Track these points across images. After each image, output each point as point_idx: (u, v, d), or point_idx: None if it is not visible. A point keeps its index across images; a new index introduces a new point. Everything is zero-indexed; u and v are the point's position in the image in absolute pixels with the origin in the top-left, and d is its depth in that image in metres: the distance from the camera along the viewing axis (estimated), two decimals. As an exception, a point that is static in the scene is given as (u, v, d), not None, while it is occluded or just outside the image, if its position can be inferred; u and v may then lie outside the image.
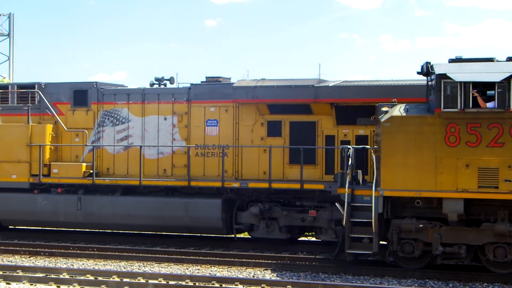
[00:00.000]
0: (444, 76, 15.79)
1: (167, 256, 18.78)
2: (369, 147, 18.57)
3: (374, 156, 17.25)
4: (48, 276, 16.05)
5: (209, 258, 18.52)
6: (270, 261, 18.01)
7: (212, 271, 17.27)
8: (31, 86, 22.73)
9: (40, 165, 21.51)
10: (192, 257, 18.68)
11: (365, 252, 16.80)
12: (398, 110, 16.39)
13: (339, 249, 17.32)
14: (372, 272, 16.71)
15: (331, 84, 19.88)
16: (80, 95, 22.13)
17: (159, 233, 22.17)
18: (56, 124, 22.25)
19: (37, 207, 21.53)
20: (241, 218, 20.20)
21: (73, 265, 18.09)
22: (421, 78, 17.65)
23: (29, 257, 19.19)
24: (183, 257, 18.60)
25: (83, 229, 22.63)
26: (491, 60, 16.13)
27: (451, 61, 16.30)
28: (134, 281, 15.62)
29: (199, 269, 17.45)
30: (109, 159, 21.89)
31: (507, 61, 16.16)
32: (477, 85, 15.76)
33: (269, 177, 19.63)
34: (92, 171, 21.23)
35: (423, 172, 15.97)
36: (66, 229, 22.75)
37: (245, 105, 20.54)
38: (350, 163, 17.05)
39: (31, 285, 15.63)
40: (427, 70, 16.59)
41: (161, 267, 17.72)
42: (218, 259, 18.44)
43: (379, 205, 16.30)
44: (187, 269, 17.49)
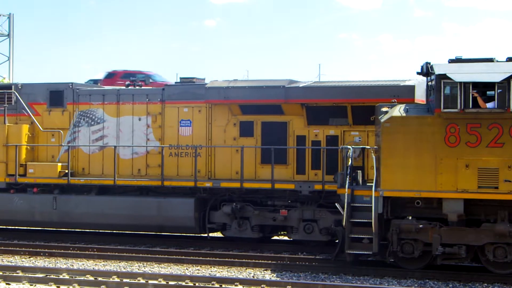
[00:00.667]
0: (444, 76, 15.79)
1: (167, 256, 18.79)
2: (369, 147, 18.59)
3: (374, 156, 17.26)
4: (48, 277, 16.05)
5: (209, 259, 18.52)
6: (270, 261, 18.02)
7: (212, 271, 17.27)
8: (7, 86, 22.98)
9: (16, 165, 21.76)
10: (192, 257, 18.69)
11: (365, 253, 16.81)
12: (398, 111, 16.39)
13: (339, 249, 17.32)
14: (372, 273, 16.71)
15: (301, 85, 20.11)
16: (56, 95, 22.35)
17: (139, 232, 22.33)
18: (32, 124, 22.44)
19: (13, 207, 21.78)
20: (213, 218, 20.47)
21: (73, 265, 18.09)
22: (390, 78, 17.98)
23: (29, 257, 19.19)
24: (183, 257, 18.60)
25: (59, 229, 22.83)
26: (491, 60, 16.12)
27: (451, 61, 16.29)
28: (134, 281, 15.62)
29: (199, 269, 17.45)
30: (85, 159, 22.11)
31: (507, 61, 16.16)
32: (477, 85, 15.76)
33: (241, 177, 19.90)
34: (67, 171, 21.47)
35: (423, 172, 15.97)
36: (61, 229, 22.74)
37: (217, 105, 20.78)
38: (350, 163, 17.06)
39: (31, 285, 15.63)
40: (427, 70, 16.60)
41: (161, 267, 17.72)
42: (218, 259, 18.44)
43: (379, 205, 16.30)
44: (187, 269, 17.49)
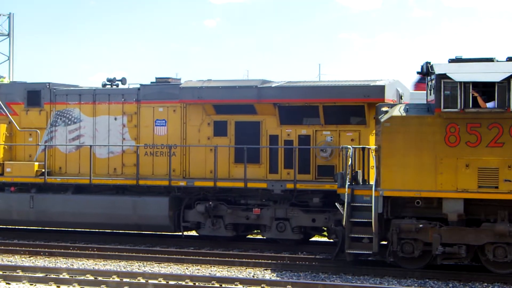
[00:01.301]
0: (444, 76, 15.79)
1: (167, 256, 18.79)
2: (369, 147, 18.61)
3: (374, 156, 17.26)
4: (48, 276, 16.05)
5: (209, 258, 18.53)
6: (270, 261, 18.02)
7: (212, 271, 17.27)
8: None
9: None
10: (192, 257, 18.69)
11: (365, 252, 16.81)
12: (398, 110, 16.40)
13: (339, 249, 17.32)
14: (372, 272, 16.70)
15: (274, 85, 20.28)
16: (34, 95, 22.52)
17: (108, 230, 22.62)
18: (10, 124, 22.60)
19: None
20: (188, 216, 20.63)
21: (73, 265, 18.09)
22: (360, 79, 18.33)
23: (29, 257, 19.20)
24: (183, 257, 18.60)
25: (36, 227, 22.96)
26: (491, 60, 16.12)
27: (451, 61, 16.29)
28: (134, 281, 15.62)
29: (199, 269, 17.45)
30: (62, 158, 22.26)
31: (507, 61, 16.15)
32: (477, 85, 15.77)
33: (214, 176, 20.11)
34: (44, 170, 21.65)
35: (423, 172, 15.97)
36: (62, 228, 22.81)
37: (192, 105, 20.91)
38: (350, 163, 17.08)
39: (31, 285, 15.63)
40: (427, 70, 16.59)
41: (161, 267, 17.72)
42: (218, 259, 18.44)
43: (379, 205, 16.30)
44: (187, 269, 17.49)
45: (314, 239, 21.31)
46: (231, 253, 19.20)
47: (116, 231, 22.55)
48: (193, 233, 21.96)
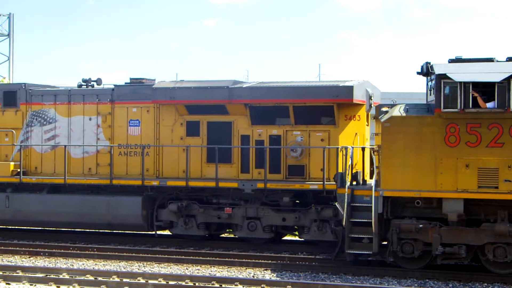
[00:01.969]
0: (444, 76, 15.79)
1: (167, 256, 18.81)
2: (369, 147, 18.63)
3: (374, 156, 17.27)
4: (48, 276, 16.06)
5: (209, 258, 18.54)
6: (270, 261, 18.03)
7: (212, 271, 17.28)
8: None
9: None
10: (192, 257, 18.70)
11: (365, 252, 16.83)
12: (398, 110, 16.39)
13: (339, 249, 17.34)
14: (372, 272, 16.71)
15: (245, 85, 20.51)
16: (10, 96, 22.74)
17: (81, 230, 22.86)
18: None
19: None
20: (161, 216, 20.88)
21: (73, 265, 18.10)
22: (328, 79, 18.42)
23: (29, 257, 19.20)
24: (183, 257, 18.62)
25: (12, 226, 23.12)
26: (491, 60, 16.12)
27: (451, 61, 16.30)
28: (134, 281, 15.64)
29: (199, 269, 17.46)
30: (37, 158, 22.48)
31: (507, 61, 16.15)
32: (477, 85, 15.76)
33: (186, 175, 20.31)
34: (20, 170, 21.82)
35: (423, 172, 15.97)
36: (66, 229, 22.89)
37: (164, 105, 21.12)
38: (349, 163, 17.09)
39: (31, 285, 15.63)
40: (427, 70, 16.59)
41: (161, 267, 17.73)
42: (218, 259, 18.45)
43: (379, 205, 16.31)
44: (187, 269, 17.50)
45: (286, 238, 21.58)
46: (231, 253, 19.21)
47: (89, 230, 22.75)
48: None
